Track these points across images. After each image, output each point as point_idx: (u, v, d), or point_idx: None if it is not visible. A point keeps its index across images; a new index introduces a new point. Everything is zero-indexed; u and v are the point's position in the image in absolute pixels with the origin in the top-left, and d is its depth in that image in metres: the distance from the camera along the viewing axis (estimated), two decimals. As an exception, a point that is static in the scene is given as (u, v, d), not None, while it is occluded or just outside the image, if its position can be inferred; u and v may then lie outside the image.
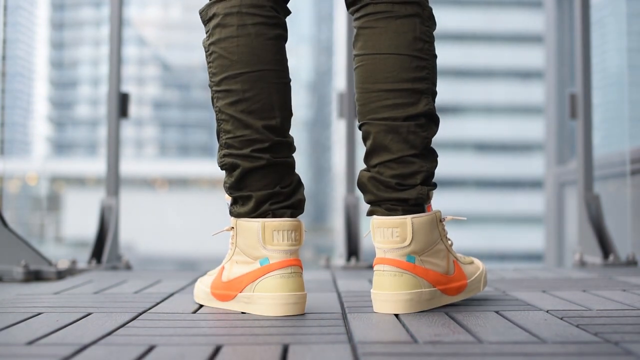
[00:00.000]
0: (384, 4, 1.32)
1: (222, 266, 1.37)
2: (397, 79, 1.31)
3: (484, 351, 0.96)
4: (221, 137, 1.34)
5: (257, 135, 1.31)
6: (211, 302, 1.38)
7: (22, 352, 0.97)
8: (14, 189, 30.57)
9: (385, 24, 1.32)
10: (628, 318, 1.24)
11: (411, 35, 1.31)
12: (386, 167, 1.31)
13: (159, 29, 44.93)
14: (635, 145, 3.11)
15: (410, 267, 1.28)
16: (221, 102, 1.33)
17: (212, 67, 1.35)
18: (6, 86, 2.45)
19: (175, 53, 44.55)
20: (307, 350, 0.97)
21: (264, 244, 1.28)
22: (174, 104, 44.36)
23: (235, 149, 1.32)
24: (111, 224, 2.49)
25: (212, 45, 1.34)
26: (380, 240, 1.29)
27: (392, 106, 1.31)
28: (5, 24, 2.39)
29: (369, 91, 1.33)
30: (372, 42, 1.33)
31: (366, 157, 1.35)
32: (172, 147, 44.52)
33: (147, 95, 43.66)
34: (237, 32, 1.32)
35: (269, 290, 1.27)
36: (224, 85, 1.32)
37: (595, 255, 2.49)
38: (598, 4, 3.79)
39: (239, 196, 1.33)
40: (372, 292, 1.31)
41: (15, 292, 1.71)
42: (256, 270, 1.29)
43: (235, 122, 1.32)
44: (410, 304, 1.28)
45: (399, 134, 1.30)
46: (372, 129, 1.32)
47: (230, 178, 1.34)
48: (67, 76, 44.45)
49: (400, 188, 1.31)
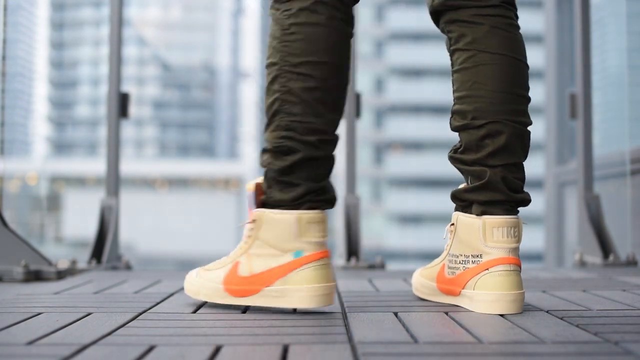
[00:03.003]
0: (505, 9, 1.39)
1: (237, 261, 1.33)
2: (527, 88, 1.38)
3: (484, 351, 0.96)
4: (280, 117, 1.30)
5: (324, 127, 1.31)
6: (223, 299, 1.34)
7: (22, 352, 0.97)
8: (14, 189, 30.58)
9: (512, 28, 1.38)
10: (628, 318, 1.24)
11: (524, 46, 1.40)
12: (510, 170, 1.33)
13: (159, 29, 44.92)
14: (635, 145, 3.11)
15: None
16: (295, 84, 1.30)
17: (290, 46, 1.31)
18: (6, 86, 2.45)
19: (175, 53, 44.55)
20: (307, 350, 0.97)
21: (299, 236, 1.28)
22: (174, 104, 44.36)
23: (298, 133, 1.30)
24: (111, 224, 2.49)
25: (296, 26, 1.31)
26: (502, 239, 1.30)
27: (523, 112, 1.36)
28: (5, 24, 2.39)
29: (506, 92, 1.34)
30: (505, 42, 1.36)
31: (489, 155, 1.33)
32: (172, 147, 44.52)
33: (147, 95, 43.66)
34: (326, 22, 1.31)
35: (305, 282, 1.28)
36: (302, 69, 1.30)
37: (595, 255, 2.48)
38: (598, 4, 3.79)
39: (285, 182, 1.30)
40: (495, 294, 1.28)
41: (15, 292, 1.70)
42: (290, 262, 1.28)
43: (307, 107, 1.30)
44: (523, 303, 1.31)
45: (522, 140, 1.35)
46: (506, 130, 1.33)
47: (281, 161, 1.30)
48: (67, 76, 44.44)
49: (522, 191, 1.35)
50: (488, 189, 1.32)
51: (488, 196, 1.32)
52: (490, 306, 1.28)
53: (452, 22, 1.40)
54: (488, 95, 1.34)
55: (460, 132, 1.38)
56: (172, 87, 44.68)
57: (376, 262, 2.36)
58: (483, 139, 1.33)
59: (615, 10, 3.90)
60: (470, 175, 1.36)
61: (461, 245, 1.35)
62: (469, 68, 1.36)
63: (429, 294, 1.44)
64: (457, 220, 1.36)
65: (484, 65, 1.35)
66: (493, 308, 1.28)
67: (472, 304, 1.32)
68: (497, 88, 1.34)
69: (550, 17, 5.01)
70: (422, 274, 1.47)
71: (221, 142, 44.90)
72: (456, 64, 1.39)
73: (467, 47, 1.36)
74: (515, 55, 1.36)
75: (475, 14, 1.37)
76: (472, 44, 1.36)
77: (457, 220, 1.36)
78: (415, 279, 1.51)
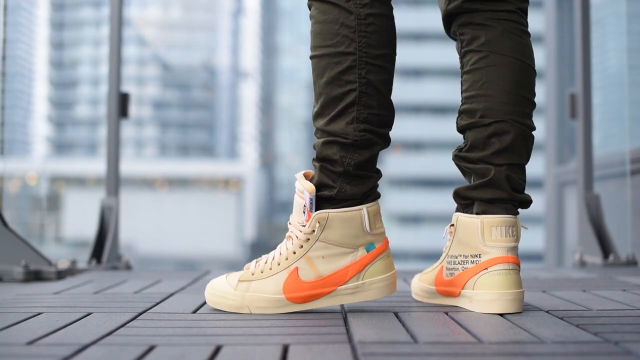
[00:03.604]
0: (519, 15, 1.40)
1: (295, 267, 1.29)
2: (534, 93, 1.39)
3: (484, 351, 0.96)
4: (360, 110, 1.28)
5: (391, 119, 1.33)
6: (284, 308, 1.29)
7: (22, 352, 0.97)
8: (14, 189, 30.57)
9: (524, 34, 1.39)
10: (628, 318, 1.24)
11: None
12: (513, 170, 1.34)
13: (159, 29, 44.91)
14: (635, 145, 3.11)
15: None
16: (374, 76, 1.29)
17: (368, 37, 1.29)
18: (6, 86, 2.45)
19: (175, 53, 44.53)
20: (307, 350, 0.97)
21: (370, 229, 1.29)
22: (174, 104, 44.34)
23: (376, 126, 1.30)
24: (111, 224, 2.49)
25: (373, 16, 1.30)
26: (501, 238, 1.31)
27: (529, 116, 1.37)
28: (5, 24, 2.39)
29: (515, 94, 1.35)
30: (517, 47, 1.37)
31: (495, 153, 1.34)
32: (172, 147, 44.51)
33: (147, 95, 43.65)
34: (392, 13, 1.34)
35: (379, 273, 1.30)
36: (380, 61, 1.30)
37: (595, 255, 2.48)
38: (598, 4, 3.79)
39: (361, 175, 1.29)
40: (494, 293, 1.29)
41: (15, 292, 1.71)
42: (366, 256, 1.29)
43: (382, 100, 1.30)
44: (522, 302, 1.32)
45: (526, 143, 1.36)
46: (512, 130, 1.33)
47: (360, 155, 1.29)
48: (67, 76, 44.44)
49: (524, 192, 1.37)
50: (492, 187, 1.33)
51: (491, 194, 1.32)
52: (490, 305, 1.28)
53: (465, 24, 1.40)
54: (498, 94, 1.34)
55: (467, 131, 1.38)
56: (172, 87, 44.66)
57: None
58: (490, 137, 1.34)
59: (615, 10, 3.90)
60: (475, 174, 1.35)
61: (460, 245, 1.35)
62: (481, 68, 1.36)
63: (428, 297, 1.45)
64: (457, 221, 1.36)
65: (496, 66, 1.35)
66: (493, 307, 1.28)
67: (471, 304, 1.32)
68: (507, 89, 1.34)
69: (550, 17, 5.01)
70: (421, 279, 1.48)
71: (221, 142, 44.90)
72: (467, 65, 1.39)
73: (480, 48, 1.37)
74: (526, 59, 1.37)
75: (490, 17, 1.38)
76: (485, 45, 1.37)
77: (457, 221, 1.36)
78: (414, 284, 1.51)
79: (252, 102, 46.06)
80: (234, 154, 44.23)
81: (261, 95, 46.61)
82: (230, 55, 45.57)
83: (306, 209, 1.28)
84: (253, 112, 45.84)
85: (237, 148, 45.11)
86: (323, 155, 1.29)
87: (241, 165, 40.29)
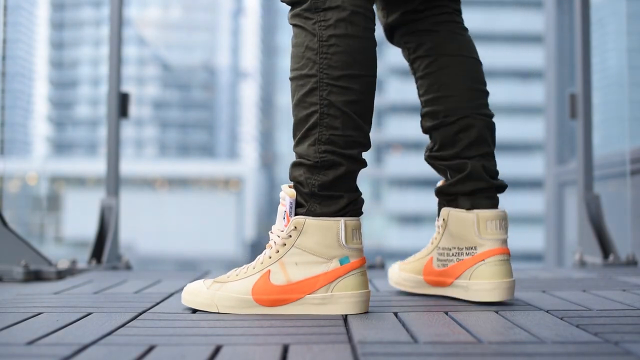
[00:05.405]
0: (456, 15, 1.52)
1: (268, 270, 1.30)
2: (485, 83, 1.49)
3: (484, 351, 0.96)
4: (322, 131, 1.29)
5: (363, 139, 1.32)
6: (250, 309, 1.29)
7: (22, 352, 0.97)
8: (14, 189, 30.56)
9: (464, 32, 1.51)
10: (628, 318, 1.24)
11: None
12: (486, 159, 1.43)
13: (159, 29, 44.91)
14: (635, 145, 3.11)
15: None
16: (336, 97, 1.29)
17: (330, 59, 1.29)
18: (6, 86, 2.45)
19: (175, 53, 44.53)
20: (307, 350, 0.97)
21: (346, 242, 1.28)
22: (174, 104, 44.35)
23: (340, 147, 1.29)
24: (111, 224, 2.49)
25: (335, 37, 1.29)
26: (495, 231, 1.39)
27: (486, 105, 1.47)
28: (5, 24, 2.39)
29: (470, 89, 1.45)
30: (462, 45, 1.47)
31: (466, 148, 1.43)
32: (172, 147, 44.51)
33: (147, 95, 43.64)
34: (363, 33, 1.31)
35: (349, 288, 1.28)
36: (343, 82, 1.29)
37: (595, 255, 2.48)
38: (598, 4, 3.79)
39: (328, 195, 1.30)
40: (493, 282, 1.37)
41: (15, 292, 1.70)
42: (338, 269, 1.28)
43: (348, 121, 1.29)
44: (514, 289, 1.41)
45: (491, 131, 1.45)
46: (477, 123, 1.43)
47: (323, 176, 1.29)
48: (67, 76, 44.44)
49: (498, 177, 1.46)
50: (472, 179, 1.42)
51: (472, 186, 1.41)
52: (489, 294, 1.37)
53: (409, 33, 1.49)
54: (456, 94, 1.44)
55: (433, 131, 1.47)
56: (172, 87, 44.67)
57: (376, 262, 2.35)
58: (457, 134, 1.43)
59: (615, 10, 3.90)
60: (451, 170, 1.44)
61: (453, 238, 1.42)
62: (434, 72, 1.46)
63: (414, 287, 1.50)
64: (448, 216, 1.43)
65: (448, 67, 1.45)
66: (491, 296, 1.36)
67: (467, 293, 1.39)
68: (462, 86, 1.44)
69: (550, 17, 5.01)
70: (404, 269, 1.53)
71: (221, 142, 44.90)
72: (420, 70, 1.48)
73: (428, 53, 1.47)
74: (472, 55, 1.48)
75: (432, 22, 1.48)
76: (433, 50, 1.47)
77: (449, 216, 1.43)
78: (394, 274, 1.55)
79: (252, 102, 46.07)
80: (233, 154, 44.24)
81: (261, 95, 46.62)
82: (230, 55, 45.58)
83: (286, 214, 1.30)
84: (253, 112, 45.84)
85: (237, 148, 45.12)
86: (293, 176, 1.33)
87: (241, 165, 40.29)
